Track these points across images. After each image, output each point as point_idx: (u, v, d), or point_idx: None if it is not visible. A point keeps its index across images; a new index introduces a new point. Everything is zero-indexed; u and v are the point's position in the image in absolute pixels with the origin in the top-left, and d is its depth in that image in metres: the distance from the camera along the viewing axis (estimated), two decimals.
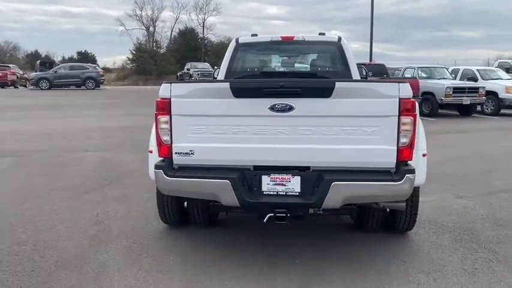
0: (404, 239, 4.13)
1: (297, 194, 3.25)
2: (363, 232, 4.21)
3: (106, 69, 53.42)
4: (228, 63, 5.68)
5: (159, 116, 3.27)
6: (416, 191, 3.90)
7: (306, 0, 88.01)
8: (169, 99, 3.23)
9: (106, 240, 4.09)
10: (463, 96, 15.76)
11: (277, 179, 3.26)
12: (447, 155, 8.57)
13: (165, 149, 3.31)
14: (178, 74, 39.64)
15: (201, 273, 3.43)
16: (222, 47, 57.76)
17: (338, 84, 3.10)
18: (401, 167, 3.14)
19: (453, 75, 18.22)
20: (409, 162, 3.23)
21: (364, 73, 6.74)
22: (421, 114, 15.83)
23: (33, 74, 30.26)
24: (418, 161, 3.64)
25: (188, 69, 37.00)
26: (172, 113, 3.25)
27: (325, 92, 3.10)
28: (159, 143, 3.31)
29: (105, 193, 5.66)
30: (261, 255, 3.76)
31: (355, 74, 5.51)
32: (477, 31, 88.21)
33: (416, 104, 3.44)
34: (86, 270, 3.46)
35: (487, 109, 16.86)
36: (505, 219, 4.70)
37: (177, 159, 3.31)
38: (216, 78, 5.92)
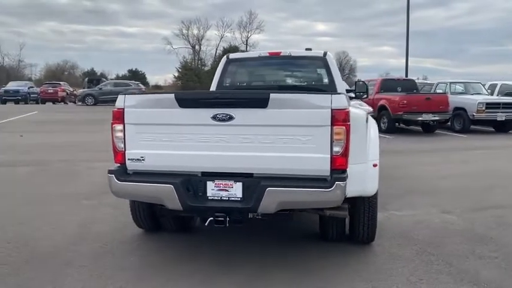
0: (365, 249, 4.14)
1: (239, 199, 3.41)
2: (326, 242, 4.26)
3: (157, 87, 55.66)
4: (219, 77, 6.02)
5: (114, 125, 3.56)
6: (372, 201, 3.95)
7: (355, 16, 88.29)
8: (123, 109, 3.52)
9: (82, 241, 4.40)
10: (498, 112, 15.16)
11: (221, 185, 3.44)
12: (460, 171, 8.38)
13: (119, 156, 3.58)
14: None
15: (152, 273, 3.64)
16: None
17: (273, 96, 3.26)
18: (334, 174, 3.23)
19: (489, 91, 17.62)
20: (347, 170, 3.32)
21: (365, 88, 6.86)
22: (453, 130, 15.49)
23: (80, 91, 32.03)
24: (368, 171, 3.72)
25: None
26: (125, 122, 3.53)
27: (261, 102, 3.27)
28: (115, 149, 3.59)
29: (103, 199, 5.98)
30: (216, 259, 3.93)
31: (340, 86, 5.63)
32: None
33: (360, 114, 3.54)
34: (50, 266, 3.77)
35: None
36: (480, 234, 4.60)
37: (130, 165, 3.57)
38: None
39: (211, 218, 3.43)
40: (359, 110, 3.72)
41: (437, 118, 14.92)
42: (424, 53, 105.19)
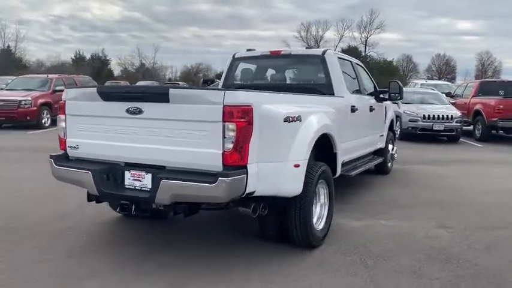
0: (302, 253, 3.96)
1: (148, 189, 3.57)
2: (268, 242, 4.17)
3: None
4: (225, 75, 6.23)
5: (59, 116, 4.00)
6: (303, 205, 3.82)
7: (507, 11, 79.35)
8: (65, 101, 3.94)
9: (64, 219, 4.94)
10: None
11: (135, 175, 3.65)
12: None
13: (63, 143, 4.02)
14: None
15: (88, 251, 4.02)
16: (385, 64, 56.36)
17: (171, 91, 3.37)
18: (225, 170, 3.21)
19: None
20: (245, 167, 3.27)
21: (398, 89, 6.60)
22: None
23: None
24: (285, 171, 3.60)
25: None
26: (66, 113, 3.94)
27: (163, 97, 3.40)
28: (59, 138, 4.04)
29: None
30: (149, 246, 4.17)
31: (338, 85, 5.42)
32: None
33: (276, 112, 3.48)
34: (19, 236, 4.37)
35: None
36: (451, 254, 4.06)
37: (70, 152, 3.98)
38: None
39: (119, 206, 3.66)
40: (276, 108, 3.58)
41: None
42: None
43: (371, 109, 6.42)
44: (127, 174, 3.69)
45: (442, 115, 12.99)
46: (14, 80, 16.96)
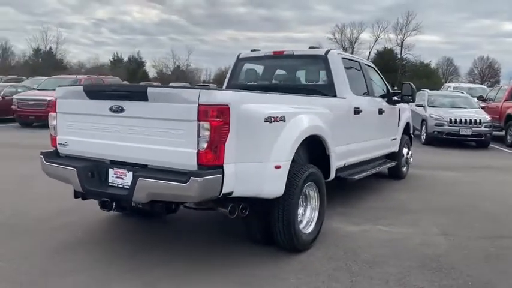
0: (288, 256, 3.88)
1: (129, 187, 3.58)
2: (256, 245, 4.10)
3: None
4: (230, 75, 6.22)
5: (50, 113, 4.08)
6: (286, 207, 3.74)
7: None
8: (56, 99, 4.02)
9: (63, 215, 5.04)
10: None
11: (118, 173, 3.67)
12: None
13: (54, 141, 4.09)
14: None
15: (75, 248, 4.08)
16: (421, 67, 55.08)
17: (150, 89, 3.38)
18: (200, 170, 3.17)
19: None
20: (221, 167, 3.23)
21: (411, 91, 6.46)
22: None
23: None
24: (265, 172, 3.53)
25: None
26: (57, 111, 4.02)
27: (142, 96, 3.40)
28: (51, 135, 4.11)
29: None
30: (137, 245, 4.20)
31: (340, 86, 5.30)
32: None
33: (256, 112, 3.43)
34: (14, 231, 4.50)
35: None
36: (443, 263, 3.87)
37: (60, 149, 4.06)
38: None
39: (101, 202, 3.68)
40: (257, 108, 3.50)
41: None
42: None
43: (380, 111, 6.24)
44: (110, 172, 3.71)
45: (470, 119, 12.51)
46: (45, 80, 17.59)
